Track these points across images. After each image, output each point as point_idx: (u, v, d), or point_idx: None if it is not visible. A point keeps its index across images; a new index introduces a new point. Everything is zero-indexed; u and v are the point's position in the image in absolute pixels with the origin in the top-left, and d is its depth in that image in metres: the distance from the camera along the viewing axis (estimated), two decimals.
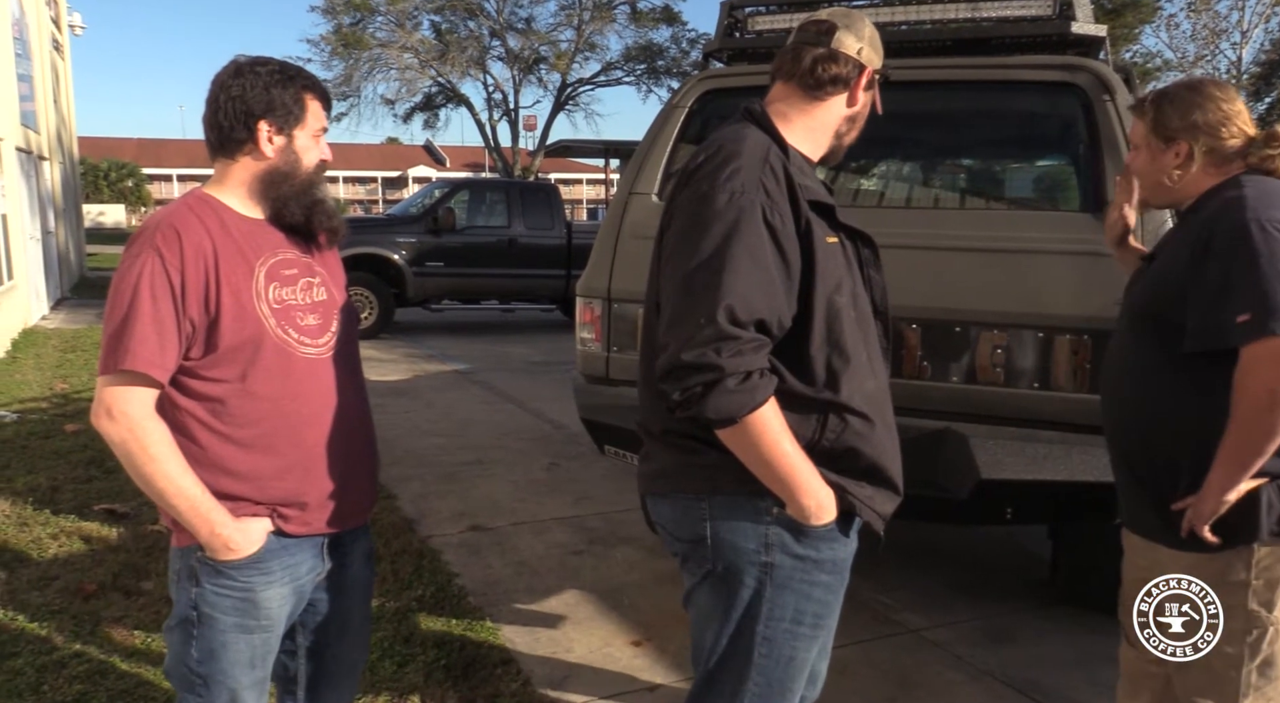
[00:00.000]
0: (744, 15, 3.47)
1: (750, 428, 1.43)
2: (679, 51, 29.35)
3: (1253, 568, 1.71)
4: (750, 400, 1.41)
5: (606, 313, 3.17)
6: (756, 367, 1.42)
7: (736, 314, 1.40)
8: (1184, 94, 1.79)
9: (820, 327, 1.50)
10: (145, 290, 1.49)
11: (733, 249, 1.42)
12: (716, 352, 1.39)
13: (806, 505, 1.50)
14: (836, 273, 1.53)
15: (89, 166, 41.99)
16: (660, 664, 2.98)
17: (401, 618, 3.20)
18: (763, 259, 1.43)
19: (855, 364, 1.53)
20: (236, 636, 1.60)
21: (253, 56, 1.63)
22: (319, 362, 1.62)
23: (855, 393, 1.53)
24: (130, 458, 1.50)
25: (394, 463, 5.27)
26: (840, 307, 1.52)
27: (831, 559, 1.58)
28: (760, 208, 1.45)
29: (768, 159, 1.50)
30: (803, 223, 1.49)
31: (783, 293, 1.45)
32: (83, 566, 3.59)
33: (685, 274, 1.45)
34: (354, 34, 28.41)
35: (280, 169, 1.61)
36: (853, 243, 1.61)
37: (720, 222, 1.44)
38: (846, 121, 1.67)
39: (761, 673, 1.60)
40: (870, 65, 1.65)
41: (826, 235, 1.53)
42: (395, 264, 10.68)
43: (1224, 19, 28.06)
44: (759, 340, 1.43)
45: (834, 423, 1.52)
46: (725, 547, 1.57)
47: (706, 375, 1.40)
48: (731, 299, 1.40)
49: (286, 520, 1.60)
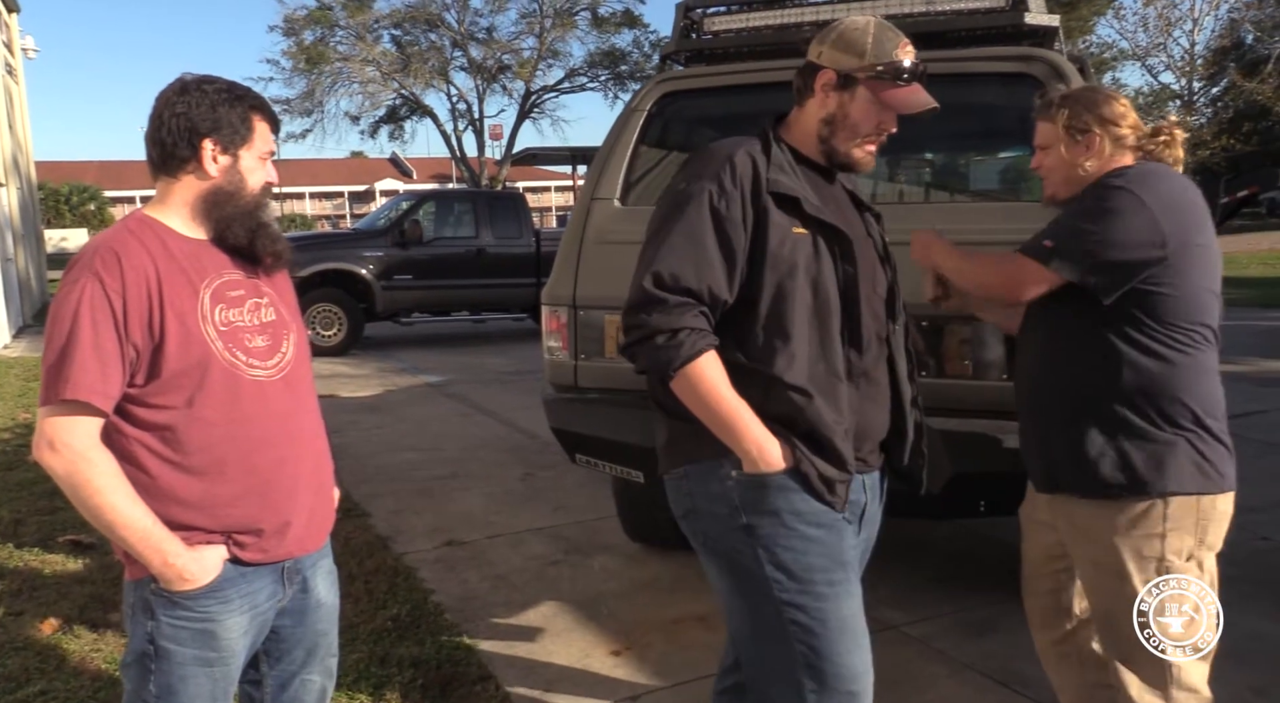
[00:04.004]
0: (699, 16, 3.45)
1: (688, 379, 1.57)
2: (642, 55, 29.39)
3: (1167, 519, 1.86)
4: (679, 353, 1.56)
5: (573, 320, 3.13)
6: (684, 326, 1.57)
7: (664, 280, 1.58)
8: (1088, 94, 2.02)
9: (766, 306, 1.62)
10: (85, 317, 1.44)
11: (672, 229, 1.62)
12: (647, 313, 1.58)
13: (749, 449, 1.58)
14: (792, 259, 1.62)
15: (49, 191, 41.41)
16: (641, 673, 2.95)
17: (377, 639, 3.15)
18: (699, 239, 1.59)
19: (797, 346, 1.61)
20: (196, 669, 1.55)
21: (200, 74, 1.59)
22: (269, 384, 1.58)
23: (795, 372, 1.61)
24: (76, 491, 1.45)
25: (366, 480, 5.21)
26: (790, 291, 1.61)
27: (809, 511, 1.61)
28: (707, 194, 1.61)
29: (731, 158, 1.63)
30: (759, 212, 1.61)
31: (720, 270, 1.60)
32: (48, 599, 3.50)
33: (642, 249, 1.66)
34: (316, 49, 28.21)
35: (224, 189, 1.57)
36: (824, 235, 1.65)
37: (671, 206, 1.65)
38: (823, 124, 1.71)
39: (802, 641, 1.60)
40: (830, 66, 1.68)
41: (794, 226, 1.63)
42: (363, 279, 10.57)
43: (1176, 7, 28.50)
44: (686, 302, 1.58)
45: (773, 394, 1.61)
46: (705, 517, 1.68)
47: (637, 333, 1.60)
48: (660, 267, 1.59)
49: (243, 547, 1.56)
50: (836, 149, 1.71)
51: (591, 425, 3.10)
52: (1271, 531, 4.04)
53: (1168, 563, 1.87)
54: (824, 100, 1.70)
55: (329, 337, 10.39)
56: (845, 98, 1.68)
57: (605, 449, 3.12)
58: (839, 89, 1.68)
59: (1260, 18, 29.62)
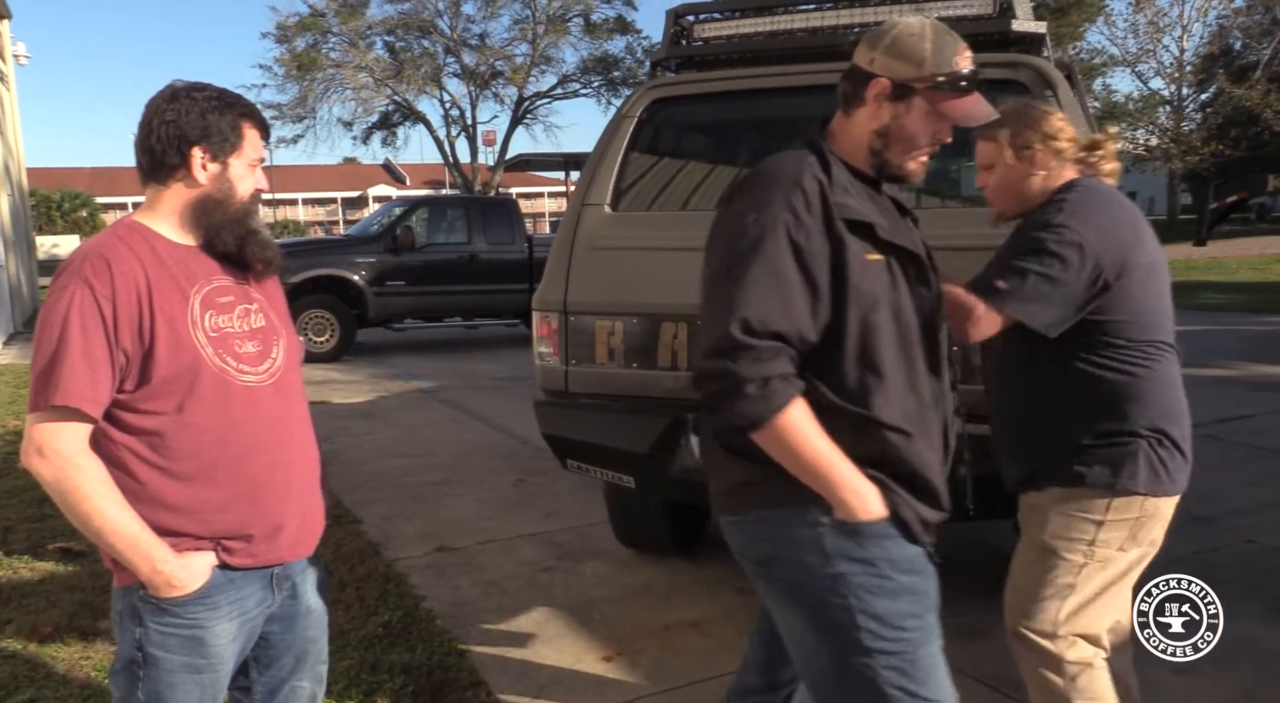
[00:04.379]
0: (690, 23, 3.47)
1: (779, 430, 1.47)
2: (634, 61, 29.46)
3: (1110, 511, 1.94)
4: (770, 404, 1.45)
5: (564, 326, 3.14)
6: (775, 372, 1.46)
7: (752, 325, 1.45)
8: (1027, 111, 2.06)
9: (853, 343, 1.51)
10: (75, 323, 1.44)
11: (753, 265, 1.48)
12: (732, 360, 1.45)
13: (846, 499, 1.49)
14: (874, 291, 1.52)
15: (41, 198, 41.25)
16: (632, 678, 2.94)
17: (368, 645, 3.14)
18: (784, 275, 1.47)
19: (890, 381, 1.52)
20: (184, 676, 1.55)
21: (190, 82, 1.60)
22: (259, 389, 1.58)
23: (891, 410, 1.52)
24: (64, 497, 1.44)
25: (358, 486, 5.20)
26: (876, 324, 1.52)
27: (902, 557, 1.55)
28: (784, 226, 1.48)
29: (799, 181, 1.51)
30: (835, 242, 1.50)
31: (805, 309, 1.49)
32: (38, 607, 3.48)
33: (711, 288, 1.53)
34: (308, 55, 28.21)
35: (213, 196, 1.57)
36: (898, 260, 1.57)
37: (744, 239, 1.50)
38: (876, 136, 1.59)
39: (895, 686, 1.54)
40: (885, 75, 1.56)
41: (867, 253, 1.52)
42: (355, 285, 10.56)
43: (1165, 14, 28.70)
44: (776, 347, 1.46)
45: (868, 436, 1.52)
46: (792, 565, 1.56)
47: (724, 382, 1.46)
48: (747, 311, 1.45)
49: (231, 553, 1.56)
50: (889, 161, 1.61)
51: (583, 431, 3.10)
52: (1259, 534, 4.06)
53: (1095, 550, 1.97)
54: (876, 111, 1.58)
55: (321, 343, 10.37)
56: (901, 109, 1.57)
57: (596, 455, 3.13)
58: (894, 99, 1.57)
59: (1248, 24, 29.86)
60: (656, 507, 3.74)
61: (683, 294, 3.08)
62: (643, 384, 3.01)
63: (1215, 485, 4.63)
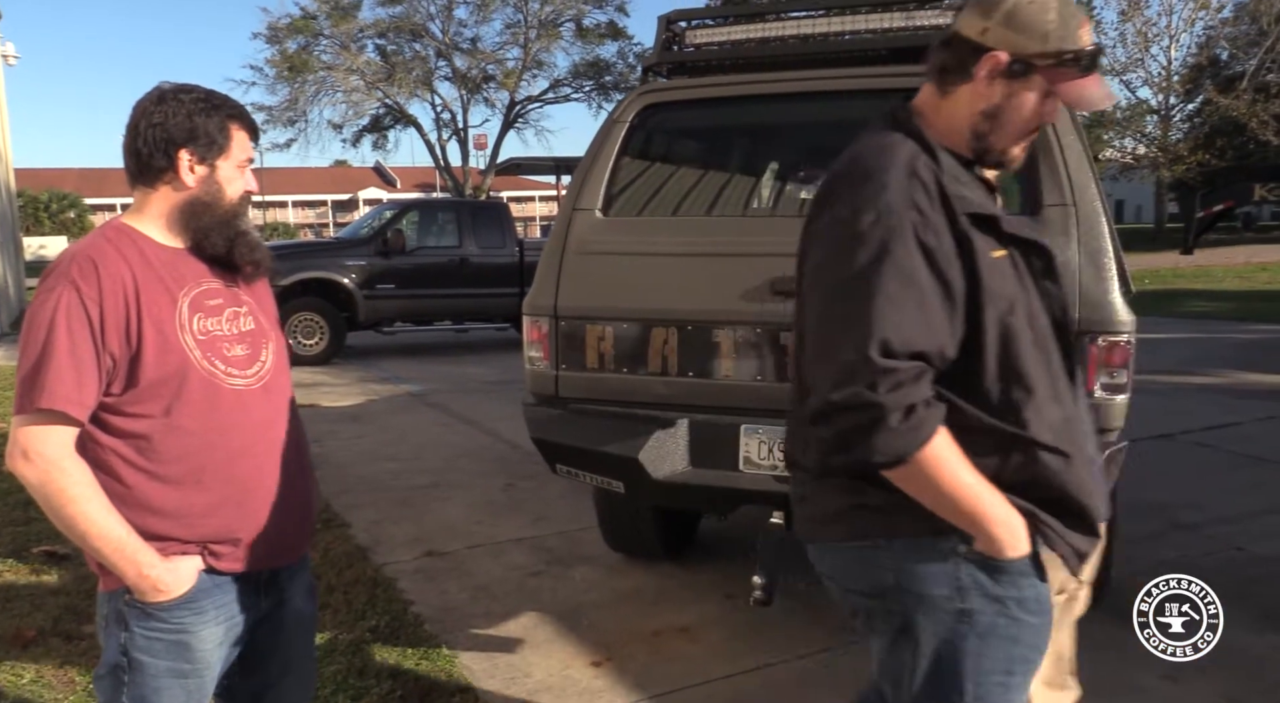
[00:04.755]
0: (681, 29, 3.48)
1: (923, 465, 1.28)
2: (626, 66, 29.52)
3: None
4: (917, 436, 1.26)
5: (554, 331, 3.14)
6: (919, 399, 1.27)
7: (892, 346, 1.25)
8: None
9: (994, 354, 1.34)
10: (61, 325, 1.43)
11: (883, 275, 1.27)
12: (872, 388, 1.25)
13: (998, 536, 1.33)
14: (1007, 291, 1.35)
15: (29, 199, 41.05)
16: (621, 684, 2.94)
17: (355, 650, 3.12)
18: (918, 285, 1.29)
19: (1039, 393, 1.35)
20: (170, 681, 1.54)
21: (178, 83, 1.58)
22: (248, 393, 1.57)
23: (1042, 426, 1.35)
24: (49, 500, 1.43)
25: (346, 490, 5.17)
26: (1015, 329, 1.35)
27: (1033, 597, 1.41)
28: (911, 227, 1.29)
29: (915, 170, 1.33)
30: (961, 239, 1.32)
31: (944, 322, 1.30)
32: (22, 611, 3.45)
33: (831, 305, 1.33)
34: (299, 57, 28.16)
35: (201, 199, 1.56)
36: (1022, 254, 1.40)
37: (867, 244, 1.29)
38: (983, 118, 1.40)
39: None
40: (1004, 49, 1.36)
41: (992, 250, 1.35)
42: (345, 288, 10.51)
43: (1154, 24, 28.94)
44: (919, 369, 1.28)
45: (1018, 459, 1.35)
46: (913, 598, 1.40)
47: (864, 415, 1.25)
48: (885, 331, 1.25)
49: (219, 558, 1.55)
50: (993, 146, 1.42)
51: (572, 436, 3.10)
52: (1246, 541, 4.08)
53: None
54: (986, 89, 1.39)
55: (311, 346, 10.33)
56: (1016, 88, 1.38)
57: (586, 460, 3.12)
58: (1010, 77, 1.37)
59: (1235, 35, 30.11)
60: (645, 512, 3.74)
61: (674, 299, 3.09)
62: (633, 389, 3.01)
63: (1202, 493, 4.62)
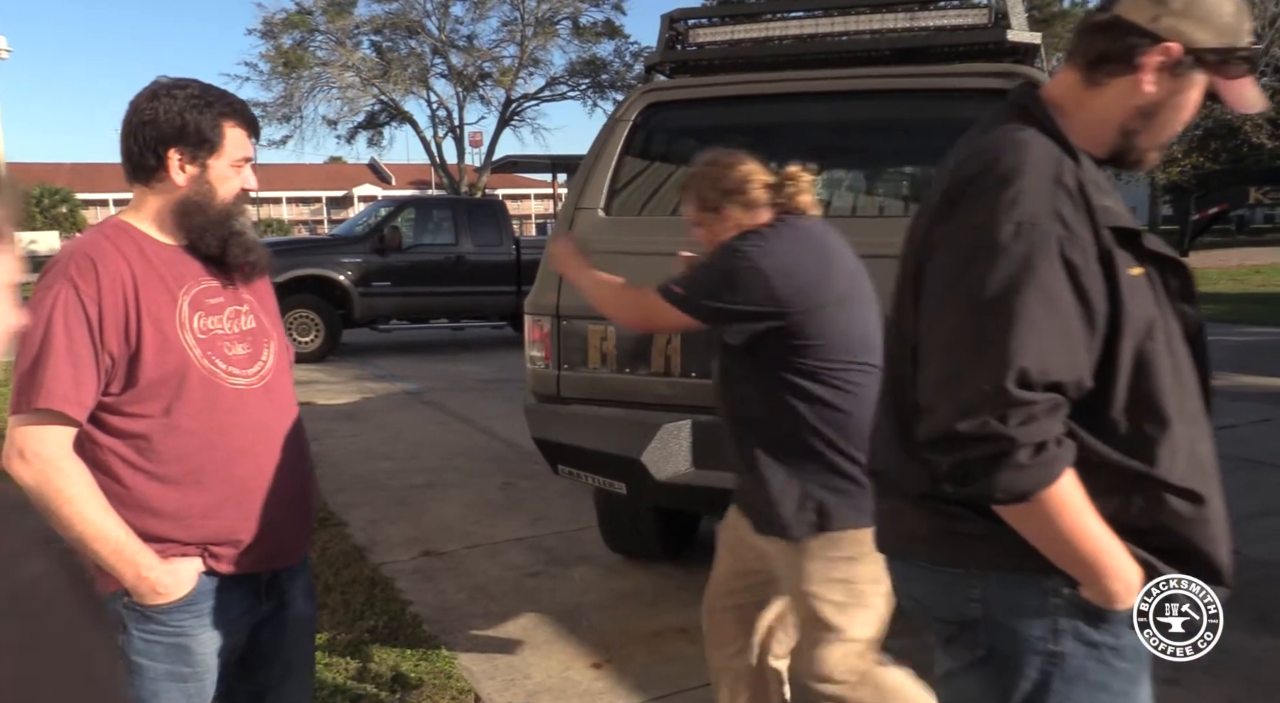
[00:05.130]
0: (685, 28, 3.46)
1: (1046, 506, 1.17)
2: (623, 65, 29.47)
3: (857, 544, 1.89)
4: (1046, 475, 1.15)
5: (556, 330, 3.12)
6: (1051, 435, 1.15)
7: (1030, 376, 1.13)
8: (710, 170, 2.09)
9: (1126, 383, 1.21)
10: (59, 324, 1.41)
11: (1024, 295, 1.15)
12: (1002, 420, 1.13)
13: (1114, 590, 1.23)
14: (1146, 313, 1.22)
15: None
16: (622, 686, 2.92)
17: (353, 651, 3.10)
18: (1061, 307, 1.16)
19: (1175, 428, 1.22)
20: (169, 684, 1.52)
21: (174, 78, 1.55)
22: (249, 392, 1.55)
23: (1175, 465, 1.22)
24: (46, 501, 1.41)
25: (342, 489, 5.15)
26: (1152, 355, 1.22)
27: (1129, 645, 1.30)
28: (1057, 241, 1.16)
29: (1060, 177, 1.20)
30: (1104, 255, 1.19)
31: (1084, 348, 1.18)
32: None
33: (962, 323, 1.20)
34: (295, 53, 28.05)
35: (193, 199, 1.52)
36: (1159, 272, 1.26)
37: (1007, 259, 1.16)
38: (1137, 115, 1.27)
39: None
40: (1177, 40, 1.23)
41: (1130, 267, 1.21)
42: (341, 285, 10.48)
43: None
44: (1054, 401, 1.16)
45: (1141, 502, 1.23)
46: (1003, 633, 1.31)
47: (990, 448, 1.14)
48: (1024, 359, 1.13)
49: (218, 559, 1.53)
50: (1137, 147, 1.29)
51: (574, 436, 3.08)
52: (1242, 545, 4.05)
53: (855, 586, 1.97)
54: (1151, 83, 1.24)
55: (306, 343, 10.29)
56: (1180, 84, 1.25)
57: (588, 460, 3.10)
58: (1176, 72, 1.24)
59: None
60: (645, 512, 3.72)
61: None
62: (636, 389, 2.99)
63: None
